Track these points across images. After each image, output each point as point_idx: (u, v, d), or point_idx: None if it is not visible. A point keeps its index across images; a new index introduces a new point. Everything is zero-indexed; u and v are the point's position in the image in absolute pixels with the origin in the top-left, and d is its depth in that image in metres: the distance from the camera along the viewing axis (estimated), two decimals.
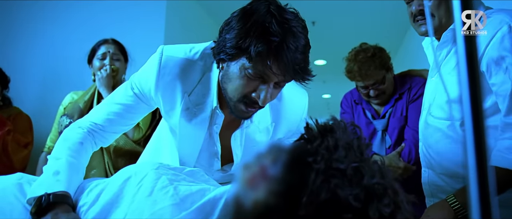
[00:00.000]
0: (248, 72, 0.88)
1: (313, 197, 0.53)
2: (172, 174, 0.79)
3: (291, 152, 0.58)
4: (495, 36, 1.05)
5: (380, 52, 1.77)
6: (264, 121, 1.07)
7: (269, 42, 0.83)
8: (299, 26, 0.88)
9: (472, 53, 0.45)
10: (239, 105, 0.94)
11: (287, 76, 0.88)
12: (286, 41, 0.83)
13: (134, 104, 1.07)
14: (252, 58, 0.85)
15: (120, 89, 1.11)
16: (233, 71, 0.91)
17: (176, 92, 1.01)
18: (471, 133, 0.44)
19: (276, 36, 0.83)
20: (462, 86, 0.45)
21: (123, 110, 1.07)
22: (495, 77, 1.06)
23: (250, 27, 0.85)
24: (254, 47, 0.84)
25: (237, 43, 0.86)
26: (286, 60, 0.84)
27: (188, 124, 1.04)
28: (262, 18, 0.85)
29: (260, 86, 0.90)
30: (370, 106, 1.88)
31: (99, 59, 1.85)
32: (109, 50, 1.85)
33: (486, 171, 0.43)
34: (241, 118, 1.01)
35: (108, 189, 0.81)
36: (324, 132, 0.60)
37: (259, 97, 0.90)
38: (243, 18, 0.88)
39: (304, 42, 0.88)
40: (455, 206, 1.09)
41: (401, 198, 0.56)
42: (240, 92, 0.92)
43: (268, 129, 1.08)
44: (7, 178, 0.90)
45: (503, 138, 1.07)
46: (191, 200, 0.73)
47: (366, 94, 1.82)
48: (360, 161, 0.56)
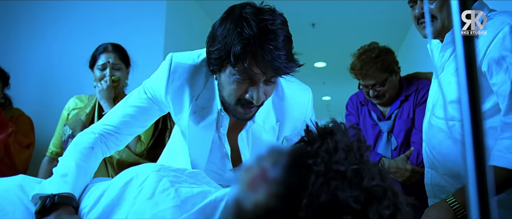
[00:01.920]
0: (236, 77, 0.93)
1: (313, 199, 0.53)
2: (173, 176, 0.80)
3: (291, 154, 0.58)
4: (496, 36, 1.06)
5: (386, 54, 1.77)
6: (269, 121, 1.10)
7: (244, 45, 0.87)
8: (277, 22, 0.90)
9: (471, 55, 0.45)
10: (237, 108, 0.99)
11: (268, 73, 0.91)
12: (260, 41, 0.87)
13: (148, 106, 1.12)
14: (234, 64, 0.90)
15: (134, 94, 1.15)
16: (224, 79, 0.97)
17: (185, 96, 1.06)
18: (470, 134, 0.44)
19: (250, 38, 0.87)
20: (461, 87, 0.45)
21: (138, 112, 1.12)
22: (496, 77, 1.07)
23: (226, 36, 0.90)
24: (232, 53, 0.88)
25: (220, 54, 0.92)
26: (263, 59, 0.88)
27: (196, 127, 1.09)
28: (235, 24, 0.89)
29: (250, 87, 0.94)
30: (376, 108, 1.88)
31: (100, 69, 1.81)
32: (109, 59, 1.81)
33: (485, 171, 0.43)
34: (243, 120, 1.04)
35: (109, 191, 0.81)
36: (324, 134, 0.61)
37: (252, 98, 0.94)
38: (220, 27, 0.93)
39: (283, 37, 0.90)
40: (454, 206, 1.09)
41: (400, 200, 0.56)
42: (234, 97, 0.97)
43: (274, 128, 1.11)
44: (10, 180, 0.90)
45: (502, 137, 1.07)
46: (192, 202, 0.73)
47: (366, 93, 1.82)
48: (360, 163, 0.56)
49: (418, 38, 1.34)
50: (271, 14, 0.91)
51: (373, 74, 1.74)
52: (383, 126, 1.82)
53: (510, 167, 1.03)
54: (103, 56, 1.82)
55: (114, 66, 1.82)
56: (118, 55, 1.85)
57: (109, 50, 1.84)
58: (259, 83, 0.93)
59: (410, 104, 1.79)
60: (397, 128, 1.79)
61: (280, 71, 0.92)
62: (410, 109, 1.78)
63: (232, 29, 0.89)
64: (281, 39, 0.89)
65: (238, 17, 0.90)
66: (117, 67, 1.83)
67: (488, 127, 1.13)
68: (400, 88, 1.83)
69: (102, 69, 1.81)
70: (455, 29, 0.47)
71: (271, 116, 1.10)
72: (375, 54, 1.75)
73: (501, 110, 1.08)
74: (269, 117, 1.10)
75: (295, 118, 1.12)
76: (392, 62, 1.78)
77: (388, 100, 1.81)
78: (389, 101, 1.82)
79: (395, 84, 1.81)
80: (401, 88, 1.83)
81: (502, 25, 1.07)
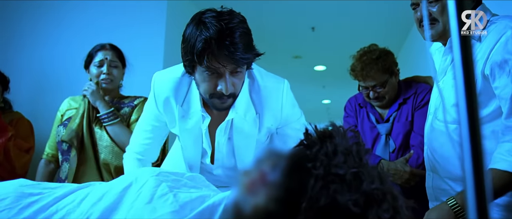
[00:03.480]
0: (205, 73, 1.06)
1: (312, 203, 0.53)
2: (172, 181, 0.79)
3: (290, 158, 0.58)
4: (499, 40, 1.07)
5: (386, 56, 1.77)
6: (250, 113, 1.22)
7: (203, 44, 1.00)
8: (234, 21, 1.02)
9: (468, 58, 0.45)
10: (213, 101, 1.12)
11: (228, 65, 1.04)
12: (216, 38, 0.99)
13: (158, 124, 1.30)
14: (199, 62, 1.03)
15: (142, 118, 1.35)
16: (197, 78, 1.11)
17: (172, 106, 1.22)
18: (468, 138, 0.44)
19: (207, 37, 1.00)
20: (458, 91, 0.45)
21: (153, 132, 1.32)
22: (498, 81, 1.07)
23: (190, 39, 1.04)
24: (195, 53, 1.02)
25: (187, 56, 1.06)
26: (221, 53, 1.01)
27: (186, 130, 1.24)
28: (196, 28, 1.03)
29: (218, 80, 1.07)
30: (374, 110, 1.88)
31: (96, 66, 1.81)
32: (106, 56, 1.81)
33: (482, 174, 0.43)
34: (222, 110, 1.16)
35: (108, 195, 0.81)
36: (323, 137, 0.61)
37: (222, 89, 1.07)
38: (185, 32, 1.07)
39: (240, 32, 1.02)
40: (455, 208, 1.09)
41: (400, 204, 0.56)
42: (207, 91, 1.10)
43: (255, 120, 1.23)
44: (9, 184, 0.90)
45: (503, 140, 1.07)
46: (191, 207, 0.73)
47: (366, 95, 1.83)
48: (359, 167, 0.56)
49: (418, 42, 1.35)
50: (228, 15, 1.03)
51: (374, 75, 1.74)
52: (381, 129, 1.82)
53: (511, 170, 1.03)
54: (101, 53, 1.82)
55: (111, 63, 1.82)
56: (116, 53, 1.86)
57: (107, 48, 1.85)
58: (225, 75, 1.06)
59: (408, 107, 1.79)
60: (395, 130, 1.79)
61: (238, 62, 1.03)
62: (409, 112, 1.78)
63: (193, 32, 1.03)
64: (237, 34, 1.01)
65: (198, 21, 1.04)
66: (114, 64, 1.83)
67: (491, 131, 1.13)
68: (399, 91, 1.83)
69: (99, 66, 1.80)
70: (452, 31, 0.47)
71: (251, 109, 1.22)
72: (376, 55, 1.75)
73: (503, 113, 1.08)
74: (249, 110, 1.21)
75: (272, 108, 1.23)
76: (392, 64, 1.78)
77: (387, 102, 1.81)
78: (388, 103, 1.82)
79: (395, 86, 1.81)
80: (400, 91, 1.83)
81: (505, 29, 1.07)
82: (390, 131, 1.81)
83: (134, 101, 1.85)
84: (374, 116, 1.86)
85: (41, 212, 0.82)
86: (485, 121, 1.14)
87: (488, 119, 1.14)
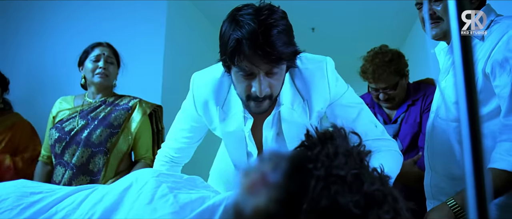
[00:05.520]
0: (239, 74, 1.00)
1: (313, 204, 0.53)
2: (172, 182, 0.80)
3: (291, 159, 0.58)
4: (501, 39, 1.07)
5: (398, 58, 1.77)
6: (298, 101, 1.14)
7: (235, 43, 0.94)
8: (273, 17, 0.94)
9: (468, 57, 0.45)
10: (249, 104, 1.05)
11: (262, 65, 0.96)
12: (249, 38, 0.92)
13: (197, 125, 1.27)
14: (231, 62, 0.97)
15: (180, 116, 1.30)
16: (234, 79, 1.05)
17: (211, 108, 1.17)
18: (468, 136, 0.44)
19: (239, 36, 0.93)
20: (458, 89, 0.45)
21: (191, 132, 1.29)
22: (498, 79, 1.07)
23: (223, 37, 0.98)
24: (227, 53, 0.96)
25: (223, 57, 1.00)
26: (254, 53, 0.93)
27: (228, 132, 1.18)
28: (229, 26, 0.96)
29: (253, 82, 1.00)
30: (382, 111, 1.88)
31: (93, 61, 1.80)
32: (103, 52, 1.81)
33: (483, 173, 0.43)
34: (258, 113, 1.09)
35: (108, 196, 0.81)
36: (324, 139, 0.61)
37: (256, 91, 0.99)
38: (220, 32, 1.00)
39: (278, 30, 0.94)
40: (455, 209, 1.09)
41: (400, 205, 0.56)
42: (242, 93, 1.04)
43: (304, 107, 1.15)
44: (10, 184, 0.90)
45: (501, 139, 1.07)
46: (191, 208, 0.73)
47: (376, 96, 1.82)
48: (360, 168, 0.56)
49: (418, 43, 1.35)
50: (266, 11, 0.95)
51: (386, 77, 1.73)
52: (389, 130, 1.81)
53: (510, 170, 1.03)
54: (97, 49, 1.83)
55: (108, 59, 1.82)
56: (112, 51, 1.87)
57: (104, 45, 1.86)
58: (259, 76, 0.98)
59: (417, 109, 1.78)
60: (403, 132, 1.79)
61: (273, 62, 0.96)
62: (417, 113, 1.78)
63: (227, 30, 0.96)
64: (275, 32, 0.93)
65: (232, 18, 0.97)
66: (110, 60, 1.83)
67: (491, 130, 1.13)
68: (408, 92, 1.83)
69: (95, 61, 1.80)
70: (452, 31, 0.47)
71: (298, 97, 1.14)
72: (388, 58, 1.74)
73: (502, 111, 1.08)
74: (296, 98, 1.14)
75: (320, 90, 1.14)
76: (404, 66, 1.78)
77: (396, 103, 1.81)
78: (397, 104, 1.82)
79: (404, 88, 1.81)
80: (409, 92, 1.83)
81: (508, 28, 1.08)
82: (397, 132, 1.80)
83: (129, 103, 1.83)
84: (381, 117, 1.86)
85: (42, 213, 0.83)
86: (485, 119, 1.14)
87: (489, 118, 1.15)
